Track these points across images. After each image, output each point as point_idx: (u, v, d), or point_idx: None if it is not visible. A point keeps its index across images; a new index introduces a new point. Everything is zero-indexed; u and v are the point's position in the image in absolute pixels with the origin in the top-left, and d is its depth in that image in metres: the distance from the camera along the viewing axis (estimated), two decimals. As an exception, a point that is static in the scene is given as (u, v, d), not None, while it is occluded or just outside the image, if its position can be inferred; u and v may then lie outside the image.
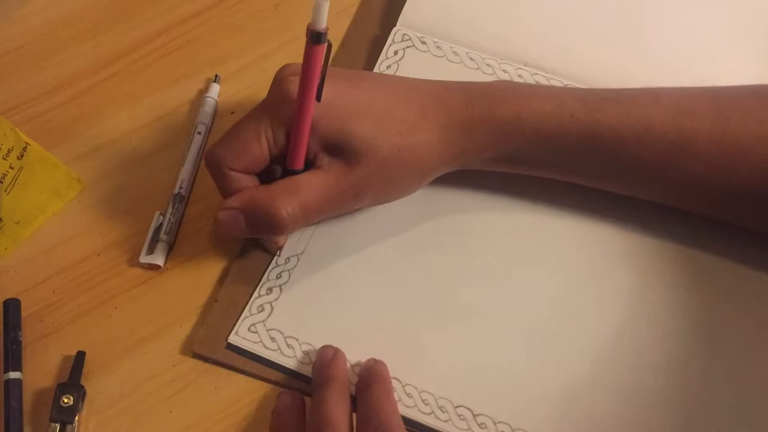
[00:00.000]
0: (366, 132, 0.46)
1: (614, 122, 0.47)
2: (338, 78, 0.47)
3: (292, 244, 0.51)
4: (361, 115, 0.46)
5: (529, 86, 0.49)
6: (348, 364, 0.48)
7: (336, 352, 0.48)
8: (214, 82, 0.57)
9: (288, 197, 0.46)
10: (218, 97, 0.57)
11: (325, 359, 0.47)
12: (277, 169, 0.49)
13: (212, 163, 0.48)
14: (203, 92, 0.57)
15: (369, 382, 0.46)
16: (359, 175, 0.46)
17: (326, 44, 0.43)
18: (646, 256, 0.51)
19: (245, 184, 0.48)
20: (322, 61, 0.43)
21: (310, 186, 0.46)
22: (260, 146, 0.47)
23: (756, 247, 0.50)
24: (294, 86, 0.45)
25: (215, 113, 0.57)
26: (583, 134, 0.47)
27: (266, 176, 0.49)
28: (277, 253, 0.51)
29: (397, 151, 0.47)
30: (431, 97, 0.48)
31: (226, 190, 0.48)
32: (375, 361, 0.47)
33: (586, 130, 0.47)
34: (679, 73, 0.51)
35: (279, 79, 0.47)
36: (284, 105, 0.46)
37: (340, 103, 0.46)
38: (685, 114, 0.47)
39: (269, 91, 0.48)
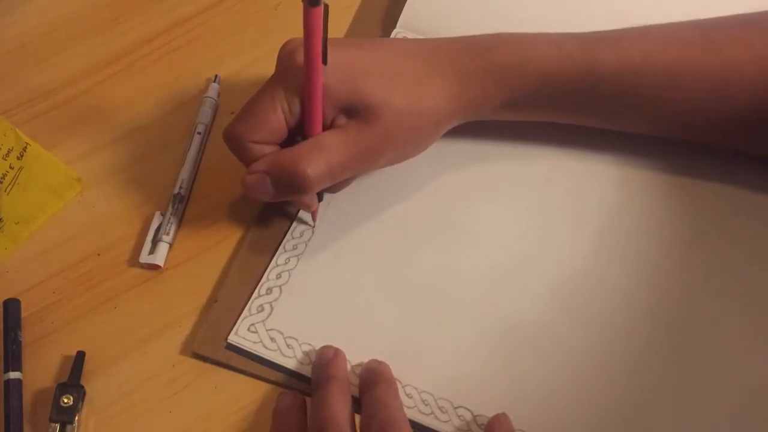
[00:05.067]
0: (377, 89, 0.47)
1: (611, 59, 0.49)
2: (341, 44, 0.48)
3: (291, 246, 0.52)
4: (370, 74, 0.47)
5: (526, 34, 0.50)
6: (348, 365, 0.48)
7: (336, 351, 0.48)
8: (214, 82, 0.58)
9: (312, 155, 0.47)
10: (218, 97, 0.57)
11: (325, 359, 0.47)
12: (298, 140, 0.49)
13: (232, 138, 0.48)
14: (203, 92, 0.57)
15: (374, 381, 0.46)
16: (377, 131, 0.47)
17: (323, 6, 0.43)
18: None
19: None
20: (321, 23, 0.44)
21: (332, 143, 0.47)
22: (277, 117, 0.47)
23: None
24: (300, 55, 0.46)
25: (215, 113, 0.57)
26: (583, 73, 0.49)
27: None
28: (313, 225, 0.52)
29: (409, 105, 0.48)
30: (433, 52, 0.49)
31: (249, 161, 0.48)
32: (378, 362, 0.48)
33: (586, 69, 0.49)
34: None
35: (284, 54, 0.48)
36: (294, 75, 0.47)
37: (348, 64, 0.47)
38: (676, 44, 0.49)
39: (276, 67, 0.49)
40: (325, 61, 0.45)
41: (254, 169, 0.48)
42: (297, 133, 0.48)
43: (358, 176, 0.51)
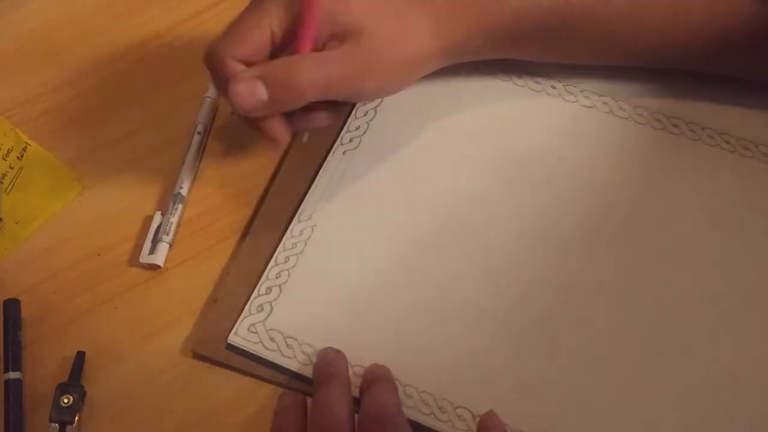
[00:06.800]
0: (369, 15, 0.48)
1: None
2: None
3: (291, 245, 0.52)
4: (361, 1, 0.48)
5: None
6: (348, 366, 0.48)
7: (337, 352, 0.48)
8: (214, 82, 0.58)
9: (307, 61, 0.46)
10: (218, 97, 0.57)
11: (327, 359, 0.47)
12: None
13: (213, 54, 0.47)
14: (203, 92, 0.57)
15: (373, 381, 0.46)
16: (367, 52, 0.47)
17: None
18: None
19: None
20: None
21: (325, 57, 0.47)
22: (262, 32, 0.47)
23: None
24: None
25: (215, 113, 0.57)
26: (556, 8, 0.51)
27: None
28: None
29: (396, 34, 0.49)
30: None
31: (225, 80, 0.47)
32: (378, 365, 0.48)
33: (558, 4, 0.51)
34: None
35: None
36: None
37: None
38: None
39: None
40: None
41: (244, 76, 0.46)
42: (280, 54, 0.48)
43: (344, 100, 0.50)
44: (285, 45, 0.48)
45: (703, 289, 0.50)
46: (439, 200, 0.53)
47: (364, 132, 0.55)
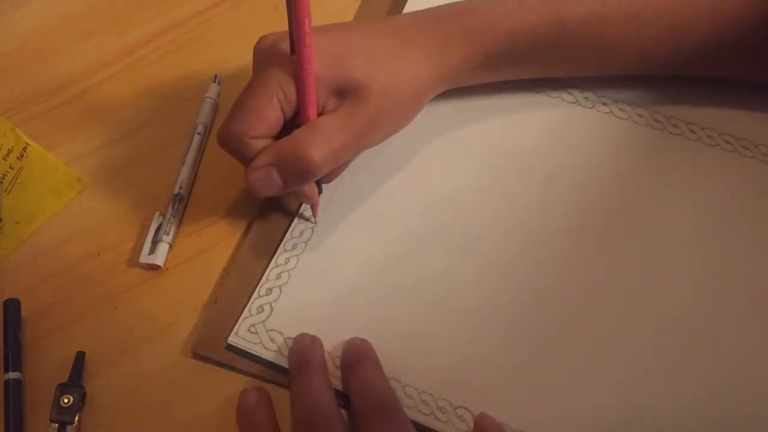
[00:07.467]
0: (363, 68, 0.48)
1: (574, 8, 0.51)
2: (318, 31, 0.48)
3: (291, 246, 0.52)
4: (353, 55, 0.48)
5: None
6: (325, 352, 0.48)
7: (313, 338, 0.48)
8: (214, 82, 0.58)
9: (313, 139, 0.47)
10: (218, 97, 0.57)
11: (302, 345, 0.48)
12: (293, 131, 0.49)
13: (231, 136, 0.48)
14: (203, 92, 0.57)
15: (358, 359, 0.47)
16: (370, 107, 0.48)
17: None
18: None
19: None
20: (309, 5, 0.44)
21: (329, 125, 0.47)
22: (274, 108, 0.47)
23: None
24: (285, 44, 0.47)
25: (215, 113, 0.57)
26: (550, 25, 0.51)
27: None
28: (314, 222, 0.52)
29: (393, 78, 0.49)
30: (405, 27, 0.51)
31: (249, 159, 0.48)
32: (360, 339, 0.48)
33: (552, 21, 0.51)
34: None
35: (265, 47, 0.49)
36: (284, 64, 0.47)
37: (330, 48, 0.48)
38: None
39: (258, 63, 0.49)
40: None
41: (258, 164, 0.47)
42: (292, 125, 0.48)
43: (355, 158, 0.52)
44: (296, 113, 0.48)
45: (704, 288, 0.50)
46: (439, 201, 0.53)
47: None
